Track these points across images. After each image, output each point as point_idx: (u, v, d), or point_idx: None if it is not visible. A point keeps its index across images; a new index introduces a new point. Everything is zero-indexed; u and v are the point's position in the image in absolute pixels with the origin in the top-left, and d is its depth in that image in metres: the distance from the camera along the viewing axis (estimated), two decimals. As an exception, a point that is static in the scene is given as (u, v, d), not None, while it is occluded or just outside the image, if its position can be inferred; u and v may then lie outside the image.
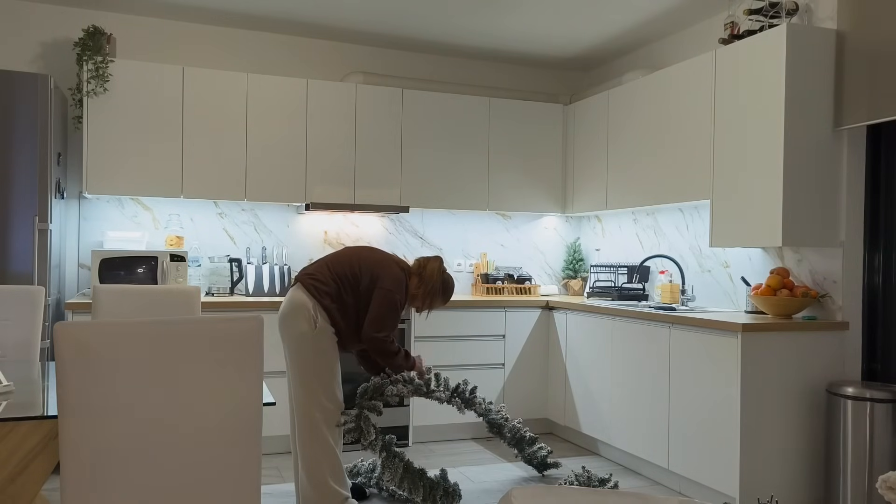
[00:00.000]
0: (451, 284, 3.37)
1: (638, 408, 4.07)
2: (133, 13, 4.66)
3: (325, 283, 3.10)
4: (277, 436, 4.35)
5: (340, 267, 3.16)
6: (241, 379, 1.76)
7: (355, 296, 3.13)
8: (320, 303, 3.06)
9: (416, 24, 4.74)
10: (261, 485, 1.83)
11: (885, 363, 3.55)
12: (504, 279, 5.26)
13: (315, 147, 4.74)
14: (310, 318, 3.04)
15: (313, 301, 3.07)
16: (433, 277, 3.27)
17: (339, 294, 3.11)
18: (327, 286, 3.09)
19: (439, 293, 3.31)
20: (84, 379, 1.61)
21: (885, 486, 2.09)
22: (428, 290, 3.27)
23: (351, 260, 3.19)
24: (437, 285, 3.28)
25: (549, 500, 1.50)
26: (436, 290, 3.29)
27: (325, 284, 3.10)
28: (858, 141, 3.64)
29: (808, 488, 3.53)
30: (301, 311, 3.06)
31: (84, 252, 4.58)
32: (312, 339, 3.05)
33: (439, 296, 3.31)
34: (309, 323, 3.04)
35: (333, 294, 3.10)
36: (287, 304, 3.12)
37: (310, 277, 3.13)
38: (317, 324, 3.05)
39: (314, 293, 3.07)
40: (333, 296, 3.09)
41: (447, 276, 3.34)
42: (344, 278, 3.13)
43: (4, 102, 3.77)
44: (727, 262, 4.29)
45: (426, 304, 3.31)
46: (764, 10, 3.74)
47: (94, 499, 1.64)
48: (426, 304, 3.31)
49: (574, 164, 5.31)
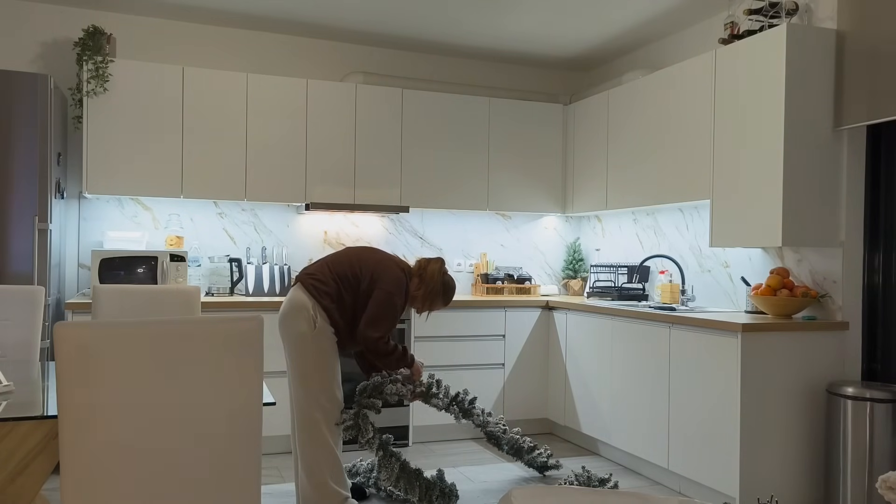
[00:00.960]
0: (452, 286, 3.36)
1: (638, 408, 4.07)
2: (133, 13, 4.66)
3: (325, 283, 3.10)
4: (277, 436, 4.35)
5: (341, 267, 3.15)
6: (241, 379, 1.76)
7: (355, 296, 3.13)
8: (320, 303, 3.06)
9: (416, 24, 4.74)
10: (261, 485, 1.83)
11: (885, 363, 3.55)
12: (504, 279, 5.26)
13: (315, 147, 4.74)
14: (309, 318, 3.04)
15: (313, 301, 3.06)
16: (434, 279, 3.26)
17: (339, 294, 3.11)
18: (327, 286, 3.09)
19: (440, 295, 3.29)
20: (84, 379, 1.61)
21: (885, 486, 2.09)
22: (428, 291, 3.26)
23: (351, 260, 3.18)
24: (438, 287, 3.27)
25: (549, 500, 1.50)
26: (436, 292, 3.28)
27: (325, 284, 3.09)
28: (858, 141, 3.64)
29: (808, 488, 3.53)
30: (301, 311, 3.05)
31: (84, 252, 4.58)
32: (312, 339, 3.05)
33: (440, 297, 3.30)
34: (308, 323, 3.04)
35: (333, 294, 3.09)
36: (287, 304, 3.12)
37: (310, 277, 3.13)
38: (316, 324, 3.05)
39: (314, 293, 3.07)
40: (333, 296, 3.09)
41: (448, 277, 3.33)
42: (344, 278, 3.13)
43: (4, 102, 3.77)
44: (727, 262, 4.29)
45: (426, 305, 3.30)
46: (764, 10, 3.74)
47: (94, 499, 1.64)
48: (426, 305, 3.30)
49: (574, 164, 5.31)
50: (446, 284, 3.31)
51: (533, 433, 5.00)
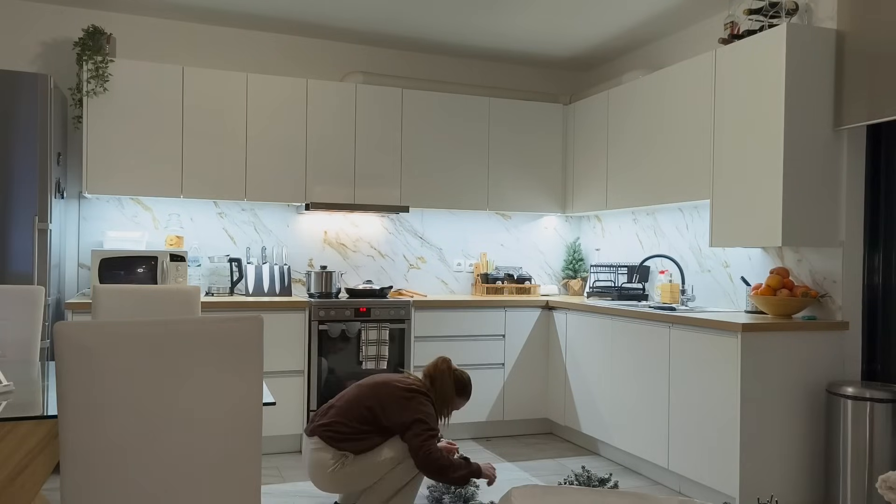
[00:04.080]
0: (466, 380, 3.32)
1: (638, 408, 4.07)
2: (133, 13, 4.66)
3: (340, 430, 3.04)
4: (277, 436, 4.35)
5: (356, 410, 3.09)
6: (241, 379, 1.76)
7: (377, 427, 3.09)
8: (340, 449, 3.03)
9: (416, 24, 4.74)
10: (261, 485, 1.83)
11: (885, 363, 3.55)
12: (504, 279, 5.26)
13: (315, 147, 4.74)
14: (333, 466, 3.02)
15: (332, 451, 3.03)
16: (445, 386, 3.24)
17: (360, 431, 3.05)
18: (344, 431, 3.04)
19: (454, 397, 3.28)
20: (84, 379, 1.61)
21: (885, 486, 2.09)
22: (444, 398, 3.24)
23: (364, 402, 3.11)
24: (451, 391, 3.26)
25: (549, 499, 1.50)
26: (450, 397, 3.26)
27: (340, 432, 3.04)
28: (858, 141, 3.64)
29: (808, 488, 3.53)
30: (325, 467, 3.03)
31: (84, 252, 4.57)
32: (345, 472, 3.04)
33: (456, 398, 3.29)
34: (334, 468, 3.02)
35: (352, 434, 3.05)
36: (309, 467, 3.08)
37: (324, 429, 3.07)
38: (345, 463, 3.03)
39: (332, 444, 3.03)
40: (352, 435, 3.05)
41: (458, 374, 3.30)
42: (362, 420, 3.07)
43: (4, 102, 3.76)
44: (727, 261, 4.29)
45: (448, 409, 3.27)
46: (764, 9, 3.74)
47: (94, 499, 1.64)
48: (448, 409, 3.27)
49: (574, 163, 5.31)
50: (458, 382, 3.29)
51: (533, 433, 5.00)
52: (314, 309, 4.41)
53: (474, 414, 4.75)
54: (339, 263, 5.11)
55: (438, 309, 4.72)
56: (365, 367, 4.48)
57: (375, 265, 5.22)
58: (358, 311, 4.51)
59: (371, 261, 5.21)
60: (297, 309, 4.40)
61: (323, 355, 4.43)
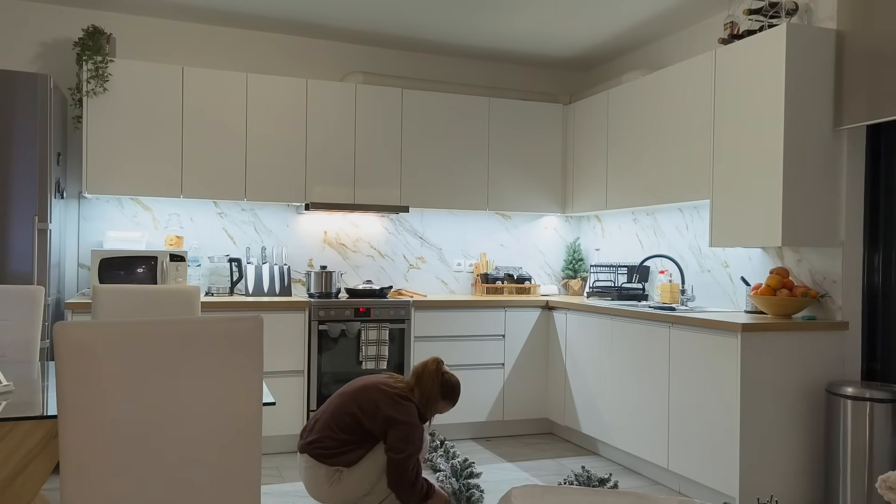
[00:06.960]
0: (454, 384, 3.25)
1: (638, 408, 4.07)
2: (133, 13, 4.66)
3: (327, 446, 3.03)
4: (277, 436, 4.35)
5: (339, 419, 3.06)
6: (241, 379, 1.76)
7: (362, 433, 3.07)
8: (332, 465, 3.02)
9: (416, 24, 4.74)
10: (261, 485, 1.83)
11: (885, 363, 3.55)
12: (504, 279, 5.26)
13: (315, 147, 4.74)
14: (329, 481, 3.02)
15: (325, 467, 3.02)
16: (431, 387, 3.18)
17: (346, 443, 3.04)
18: (332, 445, 3.03)
19: (439, 399, 3.21)
20: (84, 379, 1.61)
21: (885, 486, 2.09)
22: (428, 399, 3.18)
23: (346, 409, 3.09)
24: (437, 393, 3.19)
25: (548, 499, 1.50)
26: (434, 398, 3.19)
27: (328, 447, 3.03)
28: (858, 141, 3.64)
29: (808, 488, 3.53)
30: (321, 484, 3.03)
31: (84, 252, 4.57)
32: (342, 485, 3.04)
33: (440, 401, 3.22)
34: (330, 483, 3.02)
35: (339, 447, 3.03)
36: (306, 484, 3.08)
37: (312, 446, 3.05)
38: (341, 478, 3.02)
39: (323, 461, 3.02)
40: (339, 449, 3.03)
41: (447, 377, 3.24)
42: (347, 429, 3.05)
43: (4, 102, 3.76)
44: (727, 261, 4.29)
45: (432, 411, 3.21)
46: (764, 10, 3.74)
47: (93, 499, 1.64)
48: (432, 411, 3.21)
49: (574, 164, 5.31)
50: (445, 385, 3.22)
51: (533, 433, 5.00)
52: (314, 309, 4.41)
53: (474, 414, 4.76)
54: (339, 263, 5.11)
55: (438, 309, 4.72)
56: (365, 367, 4.48)
57: (375, 265, 5.22)
58: (358, 311, 4.51)
59: (371, 261, 5.21)
60: (297, 309, 4.40)
61: (323, 355, 4.43)
